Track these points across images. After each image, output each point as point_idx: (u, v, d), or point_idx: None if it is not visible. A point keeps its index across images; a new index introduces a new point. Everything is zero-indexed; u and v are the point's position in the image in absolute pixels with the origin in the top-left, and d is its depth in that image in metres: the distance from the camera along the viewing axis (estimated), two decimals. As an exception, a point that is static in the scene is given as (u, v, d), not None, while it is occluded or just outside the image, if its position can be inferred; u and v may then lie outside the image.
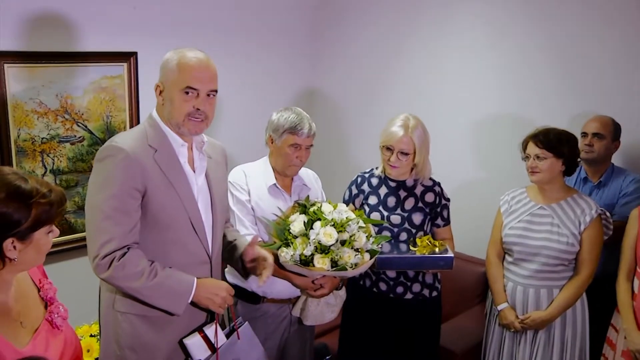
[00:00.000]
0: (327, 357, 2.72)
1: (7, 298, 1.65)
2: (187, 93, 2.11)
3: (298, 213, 2.51)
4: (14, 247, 1.57)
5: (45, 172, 3.19)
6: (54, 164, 3.23)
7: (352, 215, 2.48)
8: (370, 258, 2.49)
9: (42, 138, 3.16)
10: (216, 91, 2.18)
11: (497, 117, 3.61)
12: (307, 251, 2.37)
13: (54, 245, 1.94)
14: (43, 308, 1.77)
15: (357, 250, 2.42)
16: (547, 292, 2.80)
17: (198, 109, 2.12)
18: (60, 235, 3.13)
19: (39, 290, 1.80)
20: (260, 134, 2.79)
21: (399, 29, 3.98)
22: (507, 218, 2.91)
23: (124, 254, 2.03)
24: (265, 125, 2.72)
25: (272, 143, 2.68)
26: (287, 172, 2.69)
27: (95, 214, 2.06)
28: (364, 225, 2.49)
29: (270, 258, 2.31)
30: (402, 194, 2.83)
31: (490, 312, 3.03)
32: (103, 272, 2.02)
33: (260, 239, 2.62)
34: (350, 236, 2.41)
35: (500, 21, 3.53)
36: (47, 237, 1.62)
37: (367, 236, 2.47)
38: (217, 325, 2.23)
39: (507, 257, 2.93)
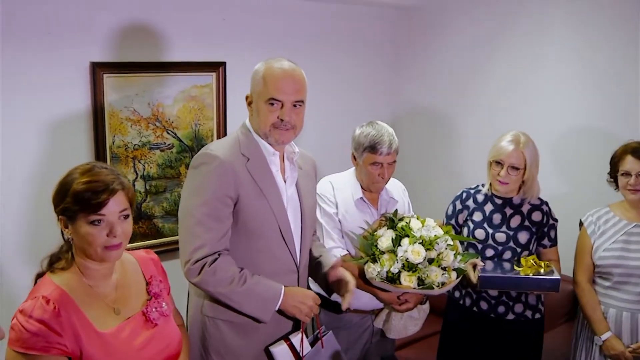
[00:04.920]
0: None
1: (98, 284, 1.77)
2: (272, 104, 2.13)
3: (386, 228, 2.51)
4: (66, 227, 1.71)
5: (136, 178, 3.30)
6: (144, 169, 3.34)
7: (440, 232, 2.45)
8: (457, 277, 2.46)
9: (135, 145, 3.27)
10: (302, 101, 2.19)
11: (583, 132, 3.48)
12: (395, 268, 2.36)
13: (142, 248, 2.03)
14: (145, 301, 1.87)
15: (444, 268, 2.40)
16: None
17: (282, 120, 2.14)
18: (148, 239, 3.34)
19: (147, 284, 1.90)
20: (344, 143, 2.80)
21: (485, 39, 3.89)
22: (598, 240, 2.76)
23: (215, 259, 2.08)
24: (349, 135, 2.73)
25: (355, 160, 2.69)
26: (371, 189, 2.68)
27: (188, 219, 2.11)
28: (452, 243, 2.46)
29: (352, 282, 2.28)
30: (508, 211, 2.78)
31: (582, 340, 2.87)
32: (194, 277, 2.07)
33: (346, 252, 2.64)
34: (438, 254, 2.38)
35: (590, 33, 3.39)
36: (88, 226, 1.68)
37: (454, 254, 2.45)
38: (303, 334, 2.25)
39: (601, 281, 2.76)
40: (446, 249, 2.41)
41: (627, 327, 2.69)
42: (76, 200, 1.66)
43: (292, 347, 2.23)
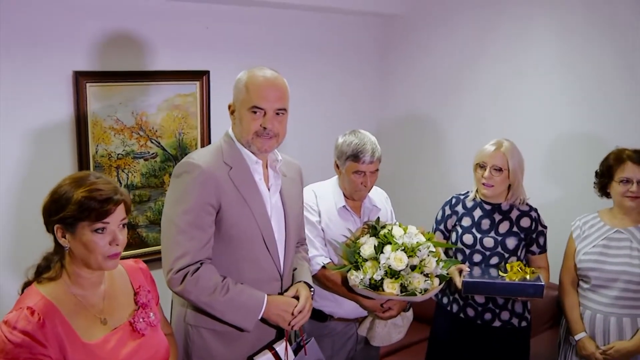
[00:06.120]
0: None
1: (87, 293, 1.76)
2: (255, 112, 2.14)
3: (368, 235, 2.51)
4: (64, 236, 1.70)
5: (120, 187, 3.28)
6: (128, 179, 3.33)
7: (423, 239, 2.46)
8: (440, 283, 2.47)
9: (118, 154, 3.26)
10: (285, 109, 2.19)
11: (570, 138, 3.51)
12: (377, 276, 2.36)
13: (126, 258, 2.05)
14: (133, 311, 1.86)
15: (426, 275, 2.41)
16: (630, 320, 2.67)
17: (265, 128, 2.15)
18: (132, 249, 3.33)
19: (135, 294, 1.89)
20: (330, 151, 2.81)
21: (470, 45, 3.93)
22: (581, 244, 2.80)
23: (197, 268, 2.08)
24: (334, 143, 2.73)
25: (337, 168, 2.70)
26: (354, 197, 2.69)
27: (170, 228, 2.11)
28: (434, 249, 2.47)
29: (299, 305, 2.22)
30: (497, 217, 2.79)
31: (563, 341, 2.92)
32: (176, 286, 2.08)
33: (329, 260, 2.64)
34: (421, 261, 2.39)
35: (575, 39, 3.43)
36: (91, 234, 1.69)
37: (437, 260, 2.45)
38: (287, 342, 2.25)
39: (582, 284, 2.81)
40: (428, 255, 2.42)
41: (600, 329, 2.73)
42: (81, 209, 1.66)
43: (276, 355, 2.23)
